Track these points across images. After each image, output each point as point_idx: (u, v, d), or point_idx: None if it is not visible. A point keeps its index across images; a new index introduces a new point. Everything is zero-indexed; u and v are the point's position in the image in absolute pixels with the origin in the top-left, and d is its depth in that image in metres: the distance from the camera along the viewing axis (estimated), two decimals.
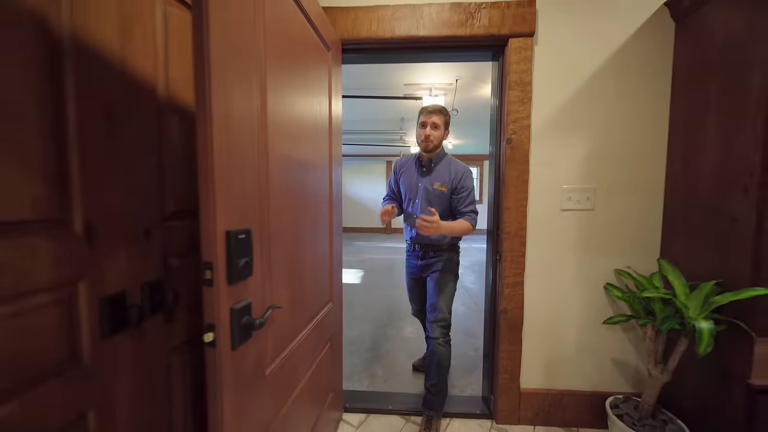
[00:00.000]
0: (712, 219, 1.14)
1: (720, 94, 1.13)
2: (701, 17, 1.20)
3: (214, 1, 0.58)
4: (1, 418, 0.50)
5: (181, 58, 0.90)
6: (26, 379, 0.54)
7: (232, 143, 0.64)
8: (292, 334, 0.94)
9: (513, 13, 1.28)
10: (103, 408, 0.67)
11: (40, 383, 0.56)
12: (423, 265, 1.52)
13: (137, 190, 0.76)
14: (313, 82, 1.07)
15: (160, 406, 0.83)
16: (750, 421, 1.02)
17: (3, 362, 0.51)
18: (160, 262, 0.83)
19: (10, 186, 0.52)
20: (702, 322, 1.01)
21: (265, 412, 0.78)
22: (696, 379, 1.20)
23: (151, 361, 0.80)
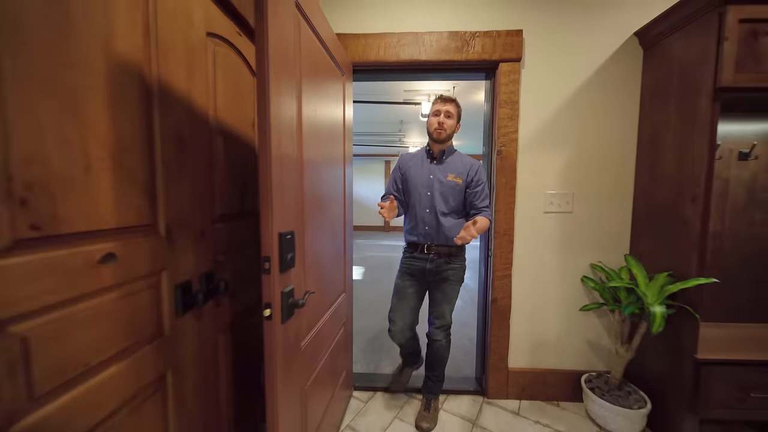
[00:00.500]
0: (669, 221, 1.35)
1: (676, 115, 1.33)
2: (664, 46, 1.40)
3: (272, 44, 0.75)
4: (122, 370, 0.68)
5: (224, 87, 1.08)
6: (134, 344, 0.72)
7: (282, 162, 0.82)
8: (318, 317, 1.13)
9: (503, 42, 1.47)
10: (177, 369, 0.86)
11: (142, 347, 0.74)
12: (432, 270, 1.41)
13: (197, 199, 0.94)
14: (332, 97, 1.25)
15: (211, 372, 1.02)
16: (696, 387, 1.24)
17: (121, 330, 0.69)
18: (211, 257, 1.01)
19: (126, 199, 0.70)
20: (656, 306, 1.22)
21: (301, 377, 0.97)
22: (655, 356, 1.42)
23: (206, 337, 0.99)
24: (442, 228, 1.38)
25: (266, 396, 0.81)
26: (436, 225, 1.39)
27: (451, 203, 1.39)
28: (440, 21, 1.52)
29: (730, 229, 1.53)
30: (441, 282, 1.43)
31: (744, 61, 1.15)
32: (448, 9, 1.51)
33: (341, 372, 1.47)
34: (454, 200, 1.38)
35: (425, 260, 1.42)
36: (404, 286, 1.47)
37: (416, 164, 1.46)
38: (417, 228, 1.43)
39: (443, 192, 1.38)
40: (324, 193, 1.17)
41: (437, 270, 1.41)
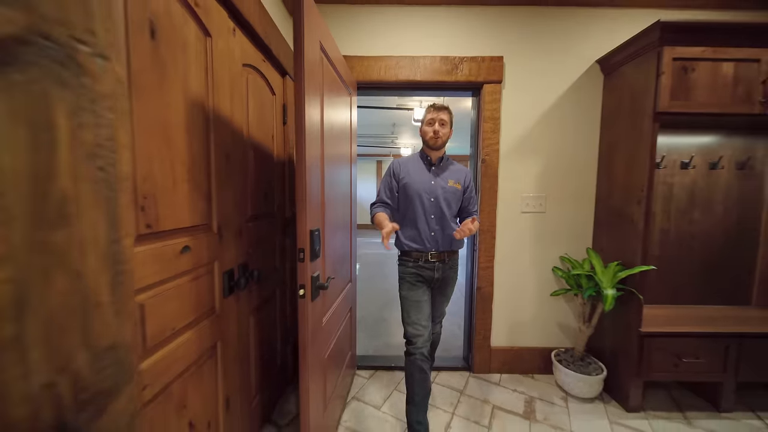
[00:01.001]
0: (621, 219, 1.63)
1: (626, 132, 1.61)
2: (620, 74, 1.68)
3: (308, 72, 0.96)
4: (192, 337, 0.89)
5: (253, 106, 1.28)
6: (199, 317, 0.93)
7: (311, 174, 1.03)
8: (333, 300, 1.34)
9: (487, 66, 1.72)
10: (224, 341, 1.06)
11: (203, 320, 0.95)
12: (439, 278, 1.43)
13: (237, 202, 1.14)
14: (342, 113, 1.46)
15: (244, 346, 1.23)
16: (640, 355, 1.52)
17: (192, 306, 0.89)
18: (245, 250, 1.22)
19: (195, 204, 0.90)
20: (608, 290, 1.49)
21: (322, 348, 1.19)
22: (609, 331, 1.70)
23: (242, 317, 1.20)
24: (446, 232, 1.40)
25: (300, 357, 1.02)
26: (441, 230, 1.40)
27: (453, 208, 1.43)
28: (433, 46, 1.75)
29: (674, 226, 1.83)
30: (445, 286, 1.47)
31: (677, 91, 1.43)
32: (440, 36, 1.74)
33: (348, 352, 1.69)
34: (455, 205, 1.43)
35: (432, 269, 1.40)
36: (418, 297, 1.39)
37: (415, 171, 1.43)
38: (420, 235, 1.38)
39: (447, 198, 1.40)
40: (338, 196, 1.39)
41: (443, 276, 1.43)
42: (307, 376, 1.03)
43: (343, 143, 1.47)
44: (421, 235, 1.39)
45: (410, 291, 1.41)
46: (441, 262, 1.41)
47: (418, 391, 1.33)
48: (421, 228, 1.39)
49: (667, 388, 1.75)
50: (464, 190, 1.45)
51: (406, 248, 1.43)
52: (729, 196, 1.81)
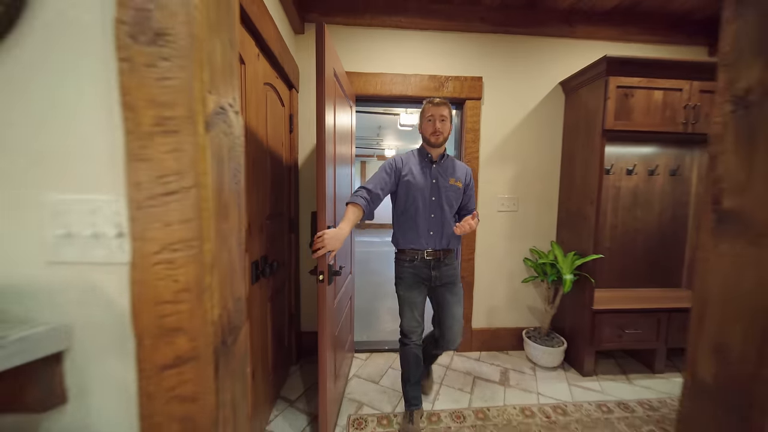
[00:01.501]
0: (578, 217, 1.95)
1: (582, 144, 1.93)
2: (578, 95, 1.99)
3: (327, 93, 1.16)
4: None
5: (270, 118, 1.46)
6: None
7: (325, 177, 1.24)
8: (340, 287, 1.55)
9: (468, 84, 1.98)
10: (251, 321, 1.25)
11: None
12: (437, 276, 1.39)
13: (260, 203, 1.33)
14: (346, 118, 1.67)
15: (264, 328, 1.41)
16: (592, 329, 1.85)
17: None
18: (265, 244, 1.40)
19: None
20: (567, 275, 1.81)
21: (333, 326, 1.40)
22: (569, 311, 2.03)
23: (263, 302, 1.38)
24: (446, 231, 1.37)
25: (318, 333, 1.23)
26: (441, 229, 1.37)
27: (454, 207, 1.40)
28: (423, 65, 1.99)
29: (621, 222, 2.19)
30: (451, 285, 1.42)
31: (620, 112, 1.76)
32: (429, 57, 1.99)
33: (348, 335, 1.90)
34: (456, 203, 1.40)
35: (429, 267, 1.38)
36: (413, 298, 1.40)
37: (416, 169, 1.38)
38: (419, 233, 1.36)
39: (448, 196, 1.37)
40: (342, 194, 1.60)
41: (440, 274, 1.39)
42: (326, 347, 1.24)
43: (346, 148, 1.68)
44: (419, 233, 1.36)
45: (407, 291, 1.41)
46: (437, 260, 1.38)
47: (414, 372, 1.44)
48: (420, 226, 1.36)
49: (614, 356, 2.10)
50: (465, 188, 1.42)
51: (402, 246, 1.41)
52: (664, 197, 2.19)
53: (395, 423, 1.51)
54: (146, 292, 0.46)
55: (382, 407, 1.63)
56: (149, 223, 0.45)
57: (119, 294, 0.47)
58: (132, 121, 0.44)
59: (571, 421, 1.53)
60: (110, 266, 0.47)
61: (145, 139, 0.44)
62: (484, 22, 1.95)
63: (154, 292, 0.46)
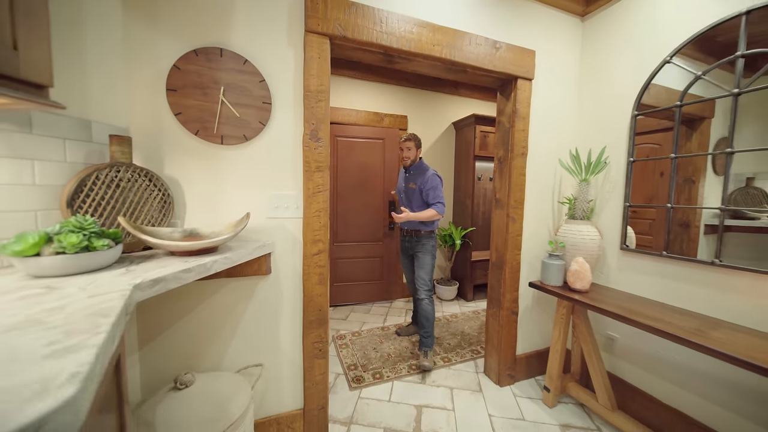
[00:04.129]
0: (463, 206, 3.23)
1: (464, 162, 3.20)
2: (461, 132, 3.26)
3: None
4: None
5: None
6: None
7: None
8: None
9: (398, 120, 3.02)
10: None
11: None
12: (409, 246, 2.08)
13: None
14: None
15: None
16: (472, 272, 3.14)
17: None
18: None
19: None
20: (458, 240, 3.04)
21: None
22: (459, 264, 3.31)
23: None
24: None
25: None
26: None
27: (413, 202, 2.02)
28: (369, 104, 2.93)
29: (484, 209, 3.59)
30: (416, 253, 2.03)
31: (481, 145, 3.06)
32: (373, 98, 2.95)
33: None
34: (415, 199, 2.01)
35: (406, 240, 2.10)
36: (404, 261, 2.21)
37: (400, 175, 2.20)
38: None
39: (408, 194, 2.06)
40: None
41: (411, 246, 2.07)
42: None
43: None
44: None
45: (401, 258, 2.24)
46: (410, 237, 2.06)
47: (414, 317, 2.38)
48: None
49: (484, 290, 3.49)
50: (420, 190, 1.98)
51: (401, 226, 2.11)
52: None
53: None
54: (307, 226, 1.30)
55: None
56: (309, 203, 1.29)
57: (295, 228, 1.30)
58: (306, 166, 1.27)
59: (459, 319, 2.74)
60: (292, 219, 1.29)
61: (311, 172, 1.28)
62: (409, 83, 3.02)
63: (310, 227, 1.30)
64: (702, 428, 1.28)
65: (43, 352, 0.37)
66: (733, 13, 1.19)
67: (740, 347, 0.97)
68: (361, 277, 3.00)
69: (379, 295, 3.13)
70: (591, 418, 1.56)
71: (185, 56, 1.07)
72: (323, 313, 1.37)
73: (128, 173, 0.95)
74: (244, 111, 1.16)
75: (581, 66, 1.80)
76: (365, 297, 3.05)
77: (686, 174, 1.37)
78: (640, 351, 1.52)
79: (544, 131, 1.75)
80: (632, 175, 1.55)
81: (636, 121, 1.53)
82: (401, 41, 1.36)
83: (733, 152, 1.19)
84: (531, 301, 1.84)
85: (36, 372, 0.33)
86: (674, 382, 1.39)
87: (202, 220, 1.16)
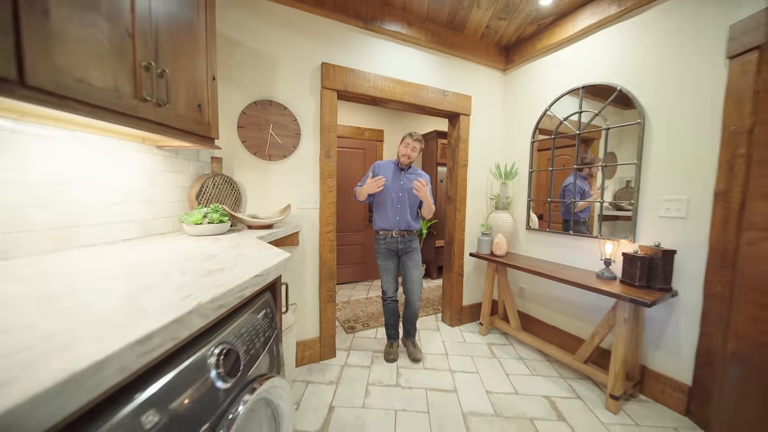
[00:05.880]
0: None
1: (429, 170, 3.99)
2: (428, 144, 4.04)
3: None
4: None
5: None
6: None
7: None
8: None
9: (376, 133, 3.74)
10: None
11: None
12: (402, 247, 1.96)
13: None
14: None
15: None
16: (435, 256, 3.94)
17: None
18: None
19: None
20: (425, 231, 3.82)
21: None
22: (426, 249, 4.10)
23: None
24: (407, 216, 1.96)
25: None
26: (402, 215, 1.95)
27: (413, 201, 1.97)
28: (352, 120, 3.61)
29: (444, 206, 4.42)
30: (411, 253, 2.00)
31: (442, 154, 3.87)
32: (356, 116, 3.63)
33: None
34: (413, 198, 1.95)
35: (396, 242, 1.96)
36: (387, 265, 1.98)
37: (388, 172, 1.95)
38: (388, 219, 1.94)
39: (408, 192, 1.94)
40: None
41: (405, 246, 1.98)
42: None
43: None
44: (388, 218, 1.94)
45: (383, 261, 1.99)
46: (402, 237, 1.98)
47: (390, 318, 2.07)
48: (390, 213, 1.94)
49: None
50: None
51: (378, 228, 1.99)
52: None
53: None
54: (322, 214, 1.97)
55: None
56: (323, 199, 1.96)
57: (314, 216, 1.96)
58: (321, 174, 1.95)
59: (426, 291, 3.50)
60: (313, 209, 1.96)
61: (324, 178, 1.95)
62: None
63: (324, 214, 1.97)
64: (566, 335, 2.13)
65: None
66: (576, 85, 2.04)
67: (577, 279, 1.78)
68: (346, 261, 3.66)
69: (362, 275, 3.82)
70: (507, 338, 2.37)
71: (249, 106, 1.70)
72: (332, 271, 2.04)
73: (220, 179, 1.57)
74: (284, 139, 1.81)
75: (503, 105, 2.63)
76: (350, 278, 3.73)
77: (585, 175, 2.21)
78: (539, 294, 2.36)
79: (478, 150, 2.56)
80: (532, 180, 2.38)
81: (533, 144, 2.37)
82: (382, 92, 2.07)
83: (605, 166, 2.04)
84: (472, 267, 2.64)
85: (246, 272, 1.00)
86: (553, 309, 2.23)
87: (257, 209, 1.79)
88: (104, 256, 0.87)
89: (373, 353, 2.12)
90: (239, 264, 0.80)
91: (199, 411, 0.51)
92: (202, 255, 0.91)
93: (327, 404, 1.60)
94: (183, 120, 1.05)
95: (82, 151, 0.99)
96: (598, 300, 1.90)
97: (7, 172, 0.79)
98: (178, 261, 0.82)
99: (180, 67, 1.04)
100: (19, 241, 0.82)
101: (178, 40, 1.03)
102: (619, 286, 1.59)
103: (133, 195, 1.18)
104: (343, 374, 1.87)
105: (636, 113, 1.72)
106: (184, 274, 0.69)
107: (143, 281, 0.63)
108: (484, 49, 2.45)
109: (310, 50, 1.86)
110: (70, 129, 0.94)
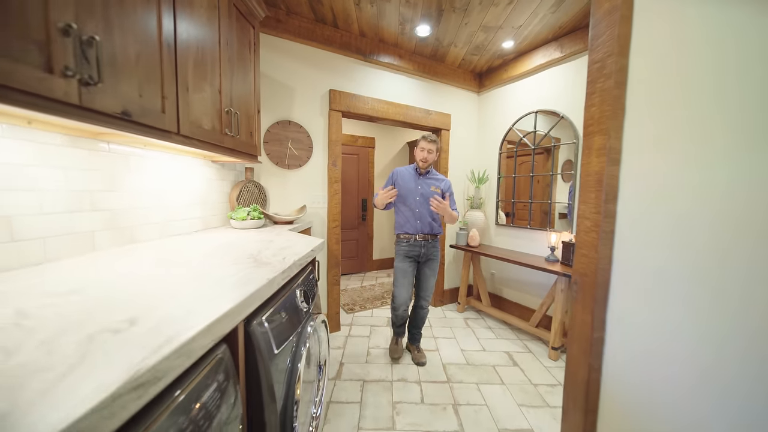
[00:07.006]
0: None
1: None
2: (414, 148, 4.52)
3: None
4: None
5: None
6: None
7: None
8: None
9: (368, 140, 4.19)
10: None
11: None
12: (424, 252, 1.90)
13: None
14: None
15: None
16: None
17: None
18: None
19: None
20: None
21: None
22: None
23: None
24: (428, 220, 1.92)
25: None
26: (423, 219, 1.91)
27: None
28: (347, 128, 4.04)
29: None
30: (430, 262, 1.95)
31: (411, 158, 4.37)
32: (350, 124, 4.06)
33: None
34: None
35: (419, 246, 1.90)
36: (405, 267, 1.90)
37: (406, 178, 1.94)
38: (409, 222, 1.90)
39: (427, 197, 1.88)
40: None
41: (427, 252, 1.92)
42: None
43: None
44: (409, 221, 1.91)
45: (401, 263, 1.92)
46: (425, 241, 1.92)
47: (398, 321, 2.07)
48: (410, 217, 1.91)
49: None
50: (443, 194, 1.93)
51: (399, 232, 1.95)
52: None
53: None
54: (329, 212, 2.40)
55: None
56: (330, 200, 2.40)
57: (323, 214, 2.40)
58: (329, 180, 2.38)
59: None
60: (321, 209, 2.39)
61: (331, 183, 2.39)
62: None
63: (331, 212, 2.41)
64: (525, 308, 2.66)
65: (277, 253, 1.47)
66: (532, 110, 2.57)
67: (532, 262, 2.30)
68: (342, 254, 4.09)
69: (356, 267, 4.26)
70: (480, 314, 2.89)
71: (273, 125, 2.11)
72: (337, 260, 2.48)
73: (252, 185, 1.98)
74: (299, 151, 2.23)
75: (477, 121, 3.15)
76: (345, 270, 4.16)
77: (547, 180, 2.73)
78: (505, 277, 2.89)
79: (457, 158, 3.06)
80: (501, 184, 2.90)
81: (500, 155, 2.89)
82: (378, 112, 2.52)
83: (554, 174, 2.57)
84: (452, 257, 3.14)
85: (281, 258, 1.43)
86: (515, 289, 2.77)
87: (278, 208, 2.20)
88: (196, 242, 1.28)
89: (371, 327, 2.58)
90: (295, 245, 1.24)
91: (295, 322, 0.95)
92: (263, 240, 1.33)
93: (338, 361, 2.04)
94: (244, 144, 1.47)
95: (173, 168, 1.39)
96: (547, 278, 2.43)
97: (140, 183, 1.20)
98: (251, 242, 1.25)
99: (243, 108, 1.46)
100: (141, 230, 1.22)
101: (243, 89, 1.45)
102: (559, 266, 2.12)
103: (198, 198, 1.58)
104: (348, 342, 2.32)
105: (574, 134, 2.26)
106: (266, 249, 1.12)
107: (247, 252, 1.06)
108: (461, 76, 2.95)
109: (320, 79, 2.28)
110: (171, 153, 1.34)
